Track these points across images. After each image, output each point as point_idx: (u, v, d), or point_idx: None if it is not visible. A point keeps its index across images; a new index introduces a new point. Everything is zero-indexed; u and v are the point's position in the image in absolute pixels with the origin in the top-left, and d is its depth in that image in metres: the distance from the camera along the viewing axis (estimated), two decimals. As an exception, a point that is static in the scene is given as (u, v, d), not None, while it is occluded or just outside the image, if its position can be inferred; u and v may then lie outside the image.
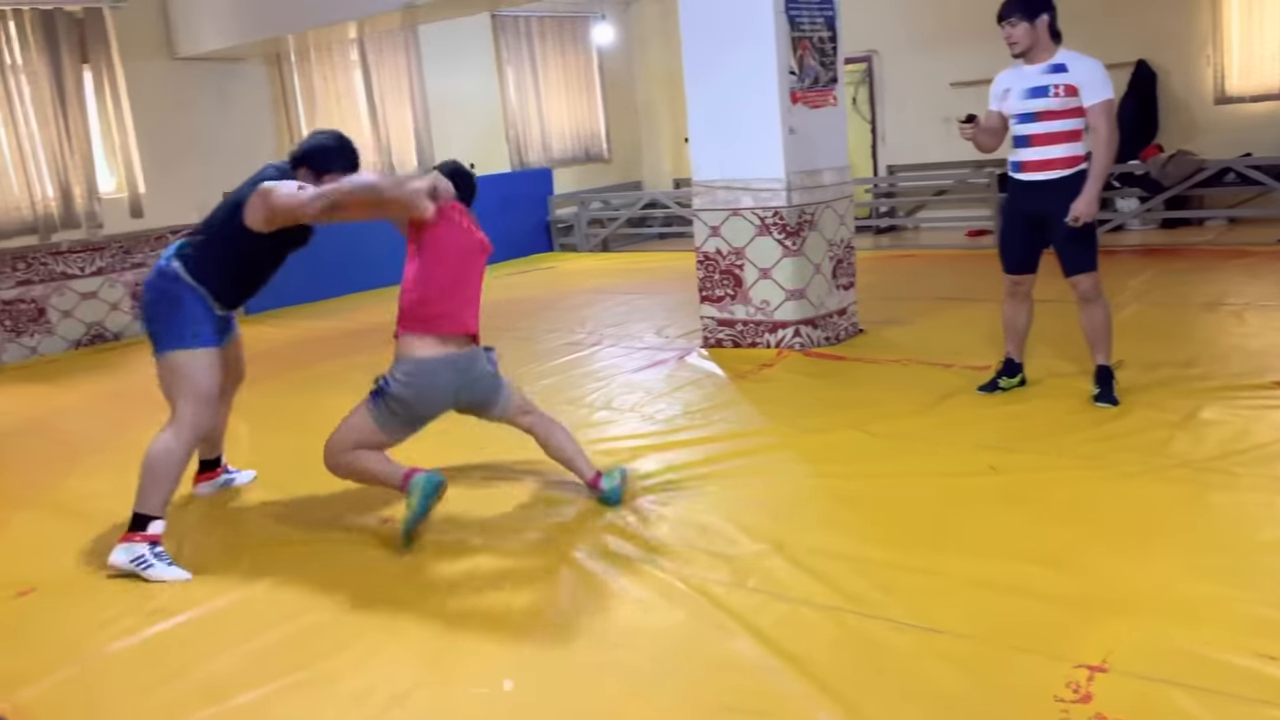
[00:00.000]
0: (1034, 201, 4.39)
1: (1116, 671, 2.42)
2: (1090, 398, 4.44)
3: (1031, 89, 4.30)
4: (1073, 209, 4.20)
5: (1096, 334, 4.46)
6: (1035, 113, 4.30)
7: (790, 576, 3.08)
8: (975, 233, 10.04)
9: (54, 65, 8.00)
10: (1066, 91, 4.22)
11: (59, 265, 8.17)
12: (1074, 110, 4.24)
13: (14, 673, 2.90)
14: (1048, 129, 4.29)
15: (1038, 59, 4.29)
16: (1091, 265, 4.38)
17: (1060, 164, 4.30)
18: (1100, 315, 4.44)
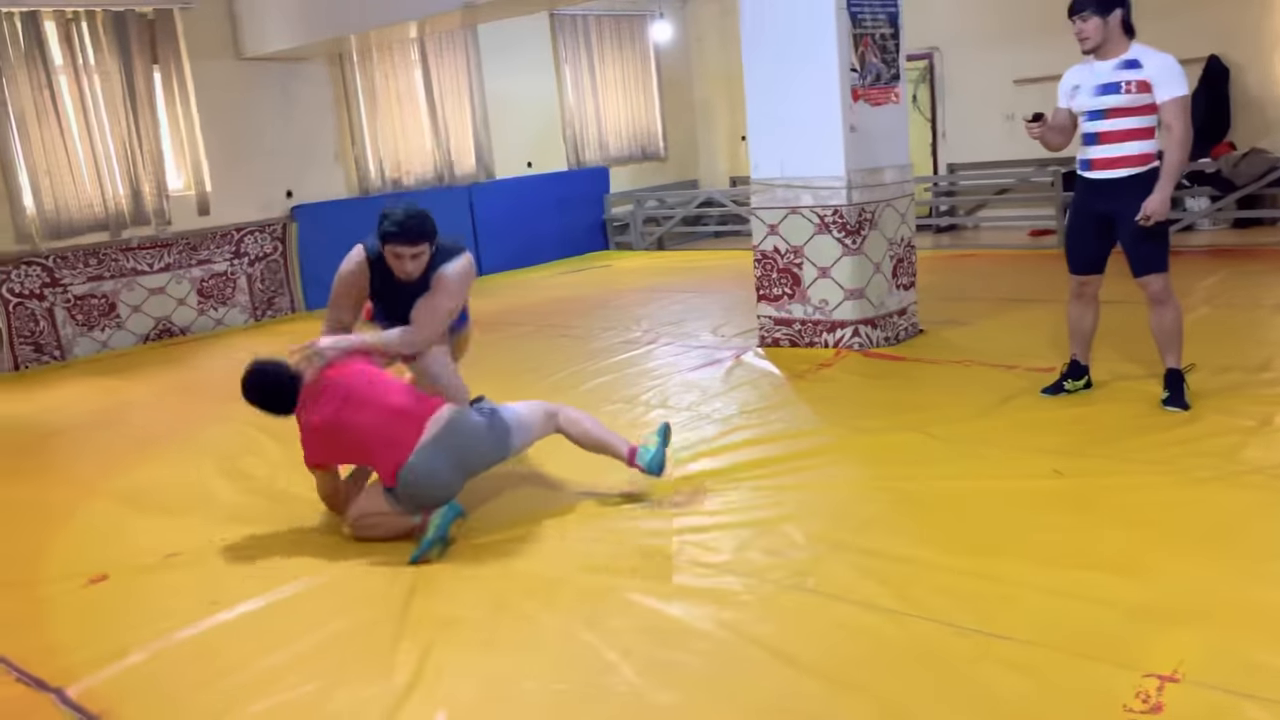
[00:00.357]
0: (1102, 200, 4.30)
1: (1188, 682, 2.36)
2: (1159, 402, 4.34)
3: (1102, 85, 4.19)
4: (1144, 208, 4.10)
5: (1166, 336, 4.35)
6: (1105, 110, 4.19)
7: (849, 579, 3.05)
8: (1038, 232, 9.87)
9: (125, 65, 8.19)
10: (1139, 88, 4.11)
11: (129, 261, 8.37)
12: (1146, 107, 4.14)
13: (84, 659, 2.97)
14: (1118, 126, 4.19)
15: (1110, 54, 4.18)
16: (1162, 266, 4.27)
17: (1130, 162, 4.20)
18: (1170, 317, 4.33)
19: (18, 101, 7.65)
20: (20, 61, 7.65)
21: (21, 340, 7.81)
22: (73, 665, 2.94)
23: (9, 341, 7.75)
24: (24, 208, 7.76)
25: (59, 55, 7.92)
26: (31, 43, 7.68)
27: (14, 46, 7.61)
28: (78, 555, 3.83)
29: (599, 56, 11.78)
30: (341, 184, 9.84)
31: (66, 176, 7.91)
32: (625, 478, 3.99)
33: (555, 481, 4.13)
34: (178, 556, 3.69)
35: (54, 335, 7.98)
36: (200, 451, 5.08)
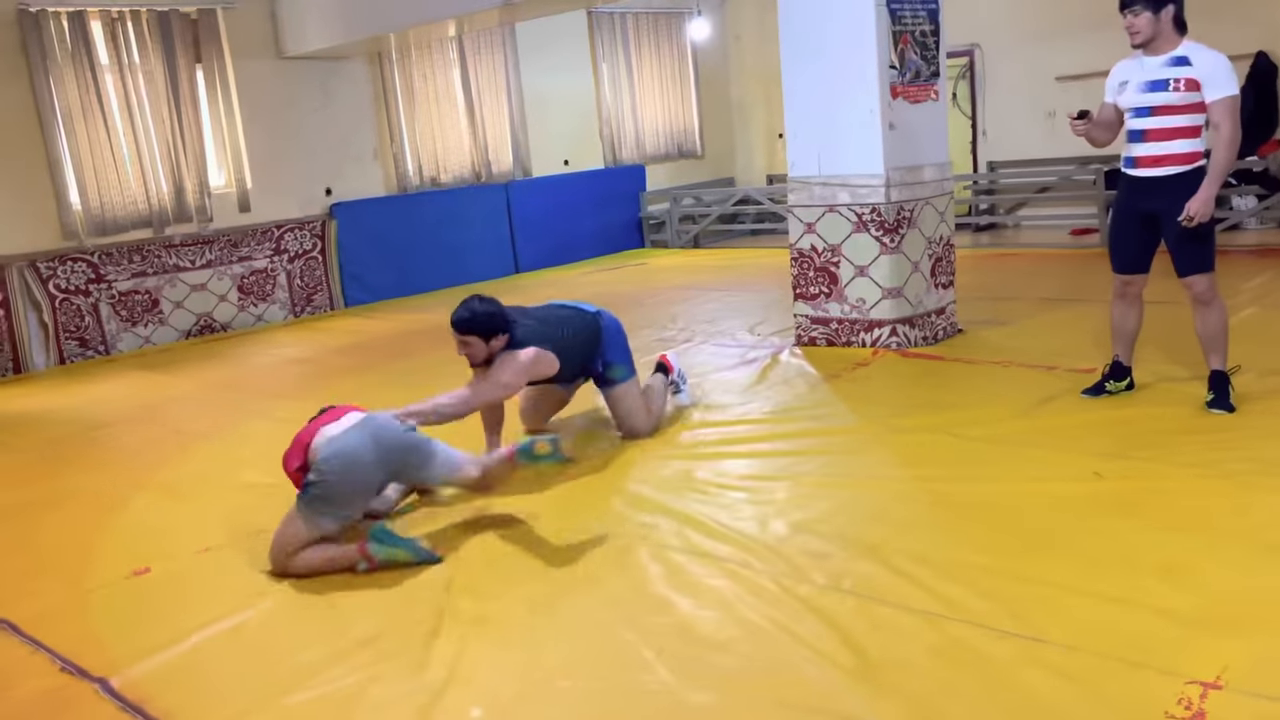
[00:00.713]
0: (1147, 198, 4.22)
1: (1232, 689, 2.32)
2: (1204, 404, 4.26)
3: (1151, 82, 4.11)
4: (1187, 208, 4.03)
5: (1212, 338, 4.27)
6: (1153, 107, 4.11)
7: (886, 580, 3.02)
8: (1079, 231, 9.74)
9: (169, 64, 8.31)
10: (1187, 86, 4.03)
11: (171, 258, 8.49)
12: (1194, 106, 4.05)
13: (128, 650, 3.02)
14: (1165, 124, 4.11)
15: (1160, 50, 4.10)
16: (1207, 266, 4.19)
17: (1176, 160, 4.12)
18: (1216, 318, 4.25)
19: (64, 100, 7.78)
20: (67, 60, 7.78)
21: (67, 335, 7.95)
22: (115, 656, 2.99)
23: (55, 336, 7.89)
24: (70, 205, 7.90)
25: (105, 54, 8.05)
26: (78, 42, 7.81)
27: (61, 46, 7.75)
28: (121, 547, 3.89)
29: (636, 54, 11.78)
30: (380, 182, 9.92)
31: (111, 174, 8.04)
32: (662, 477, 3.98)
33: (590, 482, 4.14)
34: (218, 550, 3.74)
35: (99, 330, 8.11)
36: (241, 446, 5.15)
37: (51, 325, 7.87)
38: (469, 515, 3.88)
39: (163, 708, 2.67)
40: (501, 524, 3.74)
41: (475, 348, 4.12)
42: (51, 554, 3.90)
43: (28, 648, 3.10)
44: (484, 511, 3.88)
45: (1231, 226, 8.81)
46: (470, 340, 4.11)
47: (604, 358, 4.52)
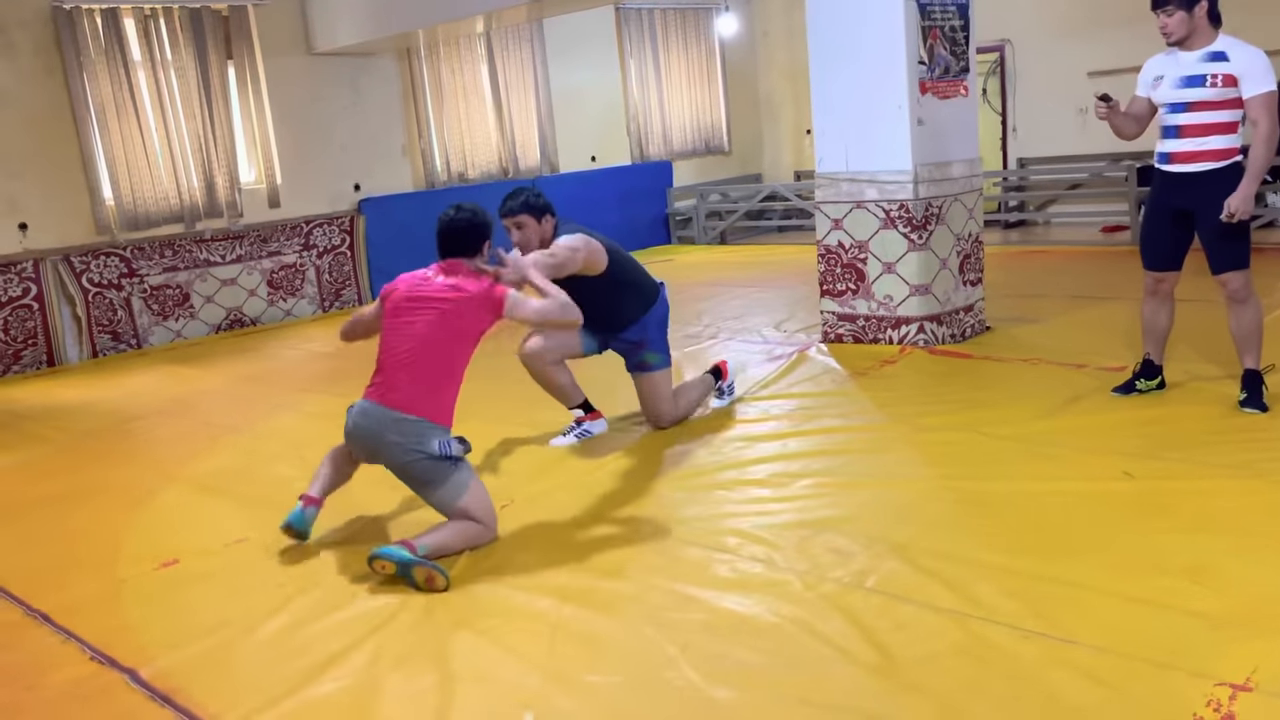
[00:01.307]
0: (1181, 195, 4.17)
1: (1262, 691, 2.29)
2: (1236, 403, 4.21)
3: (1186, 77, 4.06)
4: (1228, 204, 3.97)
5: (1246, 336, 4.22)
6: (1189, 102, 4.07)
7: (912, 578, 3.01)
8: (1111, 228, 9.64)
9: (200, 61, 8.39)
10: (1225, 82, 3.98)
11: (202, 253, 8.57)
12: (1231, 101, 4.01)
13: (157, 641, 3.06)
14: (1201, 120, 4.06)
15: (1196, 45, 4.04)
16: (1243, 263, 4.14)
17: (1212, 156, 4.07)
18: (1250, 316, 4.20)
19: (98, 96, 7.87)
20: (100, 57, 7.87)
21: (100, 329, 8.05)
22: (144, 645, 3.02)
23: (88, 329, 7.99)
24: (103, 200, 7.99)
25: (137, 51, 8.14)
26: (111, 39, 7.90)
27: (94, 42, 7.84)
28: (151, 539, 3.93)
29: (664, 50, 11.76)
30: (408, 177, 9.96)
31: (143, 169, 8.13)
32: (686, 473, 3.97)
33: (615, 477, 4.14)
34: (246, 542, 3.77)
35: (131, 324, 8.21)
36: (270, 440, 5.19)
37: (85, 319, 7.97)
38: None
39: (191, 698, 2.70)
40: (525, 517, 3.75)
41: (528, 229, 4.20)
42: (83, 546, 3.95)
43: (59, 637, 3.14)
44: (508, 504, 3.89)
45: (1267, 224, 8.68)
46: (523, 221, 4.19)
47: (646, 334, 4.49)
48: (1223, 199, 4.00)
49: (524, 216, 4.20)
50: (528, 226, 4.21)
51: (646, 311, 4.50)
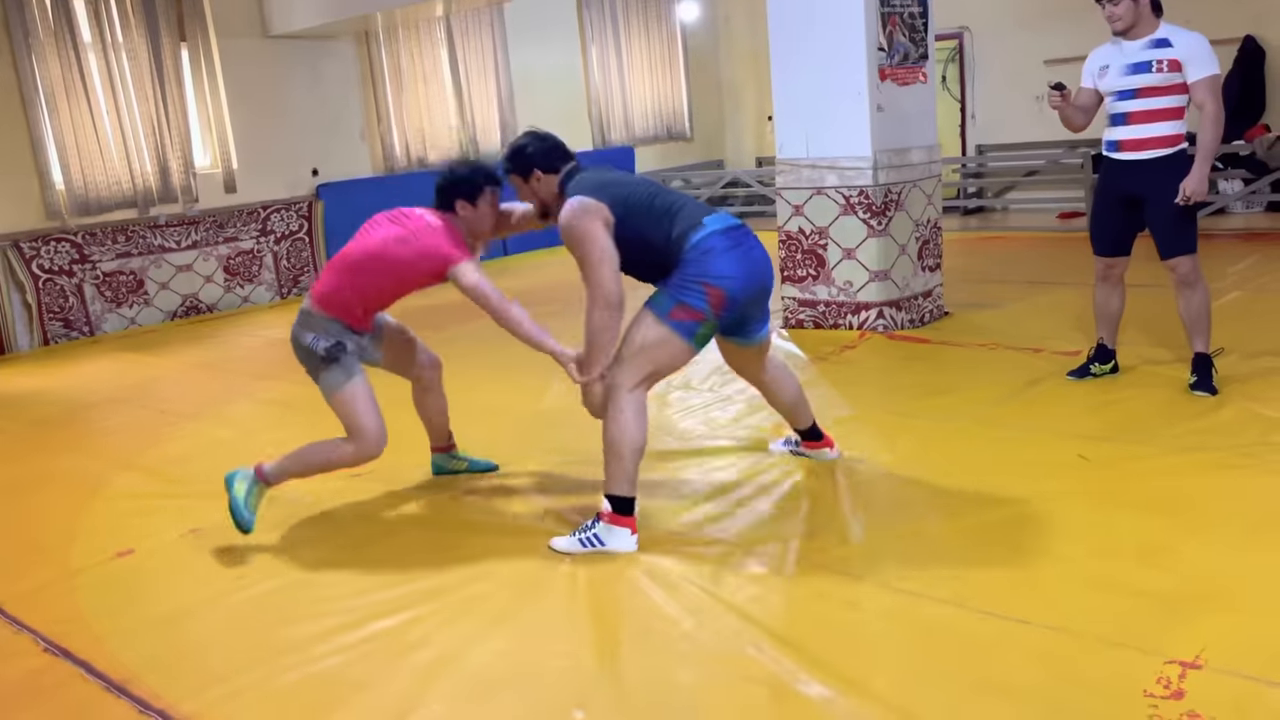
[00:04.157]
0: (1130, 181, 4.25)
1: (1211, 668, 2.34)
2: (1187, 386, 4.29)
3: (1132, 65, 4.14)
4: (1183, 188, 4.06)
5: (1195, 320, 4.30)
6: (1136, 89, 4.15)
7: (868, 560, 3.04)
8: (1067, 215, 9.76)
9: (153, 43, 8.23)
10: (1170, 67, 4.06)
11: (156, 238, 8.44)
12: (1176, 87, 4.09)
13: (112, 631, 3.02)
14: (1148, 106, 4.14)
15: (1140, 34, 4.13)
16: (1191, 248, 4.22)
17: (1160, 143, 4.15)
18: (1199, 300, 4.27)
19: (47, 79, 7.71)
20: (50, 39, 7.70)
21: (51, 316, 7.90)
22: (99, 636, 2.98)
23: (39, 317, 7.84)
24: (53, 184, 7.84)
25: (88, 32, 7.97)
26: (60, 20, 7.73)
27: (43, 24, 7.67)
28: (106, 528, 3.88)
29: (625, 35, 11.72)
30: (367, 162, 9.86)
31: (95, 154, 7.98)
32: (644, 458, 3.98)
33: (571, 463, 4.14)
34: (203, 531, 3.73)
35: (83, 311, 8.06)
36: (227, 427, 5.13)
37: (35, 306, 7.82)
38: (455, 493, 3.88)
39: (147, 687, 2.67)
40: (485, 504, 3.74)
41: (521, 191, 3.57)
42: (36, 535, 3.89)
43: (11, 629, 3.09)
44: (469, 490, 3.88)
45: (1217, 211, 8.83)
46: (514, 183, 3.57)
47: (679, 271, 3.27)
48: (1171, 185, 4.08)
49: (511, 177, 3.55)
50: (519, 188, 3.56)
51: (681, 254, 3.26)
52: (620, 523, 3.25)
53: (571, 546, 3.27)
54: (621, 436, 3.22)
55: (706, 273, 3.19)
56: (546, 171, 3.48)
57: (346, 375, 3.50)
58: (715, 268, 3.20)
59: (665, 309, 3.23)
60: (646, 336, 3.24)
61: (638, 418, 3.25)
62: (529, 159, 3.47)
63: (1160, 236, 4.24)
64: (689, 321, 3.21)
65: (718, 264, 3.20)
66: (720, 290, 3.19)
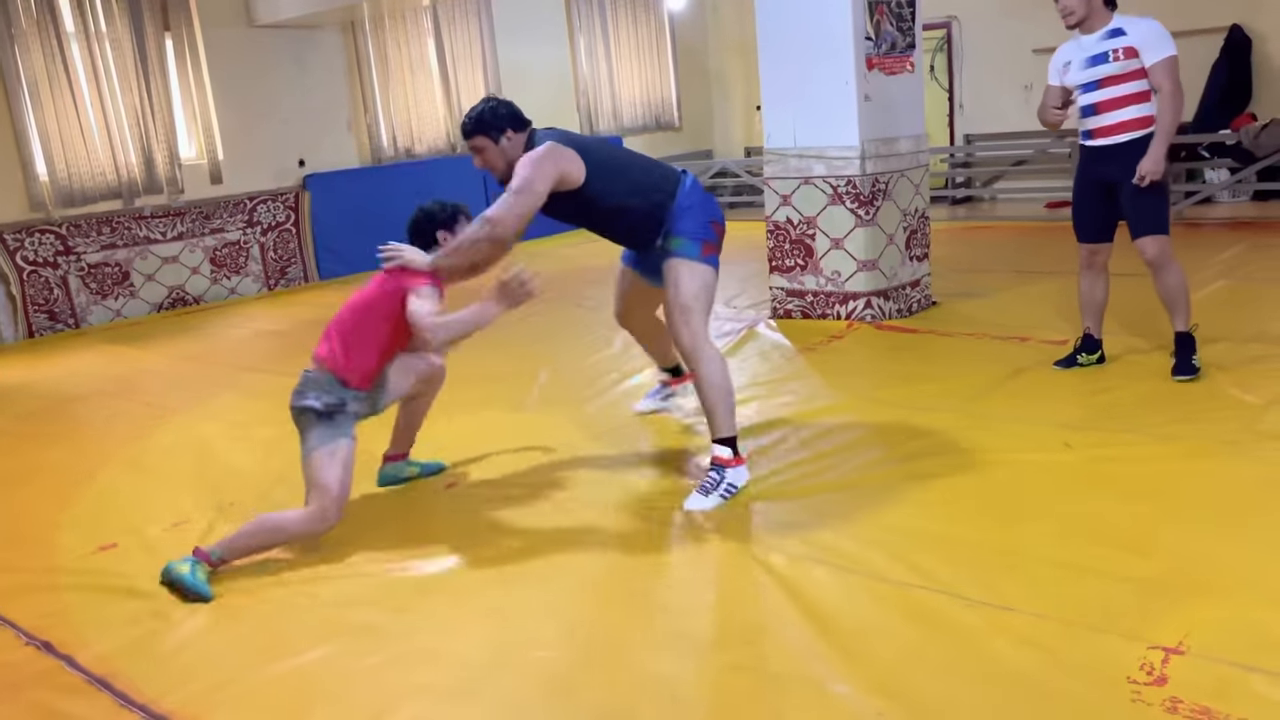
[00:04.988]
0: (1105, 167, 4.34)
1: (1193, 654, 2.35)
2: (1170, 372, 4.30)
3: (1091, 57, 4.26)
4: (1139, 168, 4.16)
5: (1171, 299, 4.36)
6: (1098, 80, 4.26)
7: (858, 550, 3.04)
8: (1055, 204, 9.77)
9: (137, 33, 8.16)
10: (1126, 54, 4.17)
11: (142, 230, 8.39)
12: (1136, 73, 4.19)
13: (96, 626, 3.00)
14: (1112, 94, 4.24)
15: (1094, 27, 4.26)
16: (1158, 229, 4.27)
17: (1129, 127, 4.24)
18: (1172, 281, 4.33)
19: (30, 69, 7.64)
20: (33, 29, 7.63)
21: (35, 308, 7.85)
22: (81, 630, 2.97)
23: (23, 309, 7.79)
24: (37, 175, 7.78)
25: (71, 22, 7.90)
26: (43, 10, 7.66)
27: (26, 14, 7.60)
28: (89, 521, 3.85)
29: (613, 24, 11.67)
30: (354, 153, 9.82)
31: (79, 144, 7.92)
32: (632, 447, 3.96)
33: (558, 451, 4.13)
34: (188, 525, 3.71)
35: (68, 303, 8.02)
36: (212, 420, 5.11)
37: (19, 298, 7.77)
38: (436, 488, 3.87)
39: (129, 682, 2.65)
40: (469, 493, 3.74)
41: (488, 152, 3.56)
42: (20, 529, 3.86)
43: (-7, 622, 3.07)
44: (453, 481, 3.87)
45: (1204, 200, 8.85)
46: (479, 144, 3.56)
47: (672, 226, 3.55)
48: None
49: (478, 139, 3.55)
50: (486, 150, 3.56)
51: (669, 208, 3.55)
52: (739, 463, 3.54)
53: (713, 504, 3.41)
54: (721, 381, 3.52)
55: (711, 214, 3.61)
56: (516, 131, 3.57)
57: (332, 436, 3.34)
58: (712, 208, 3.64)
59: (696, 251, 3.53)
60: (695, 281, 3.51)
61: (723, 361, 3.59)
62: (501, 118, 3.56)
63: (1131, 218, 4.32)
64: (714, 255, 3.59)
65: (711, 205, 3.65)
66: (722, 225, 3.64)
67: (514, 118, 3.59)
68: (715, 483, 3.44)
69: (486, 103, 3.61)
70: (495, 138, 3.55)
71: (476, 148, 3.59)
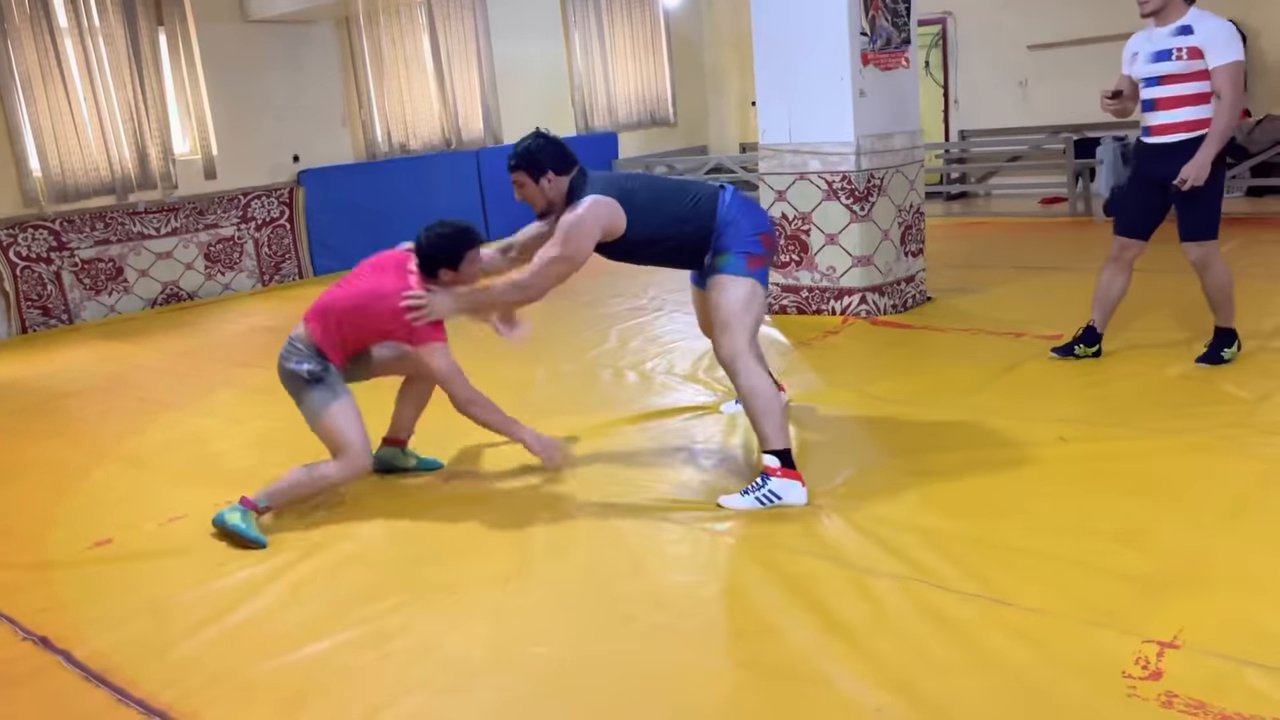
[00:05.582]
0: (1158, 166, 4.30)
1: (1188, 648, 2.36)
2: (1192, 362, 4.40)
3: (1157, 52, 4.20)
4: (1182, 172, 4.12)
5: (1214, 299, 4.40)
6: (1160, 76, 4.20)
7: (854, 544, 3.04)
8: (1049, 200, 9.79)
9: (130, 28, 8.14)
10: (1190, 54, 4.10)
11: (136, 225, 8.36)
12: (1199, 74, 4.13)
13: (92, 620, 3.00)
14: (1172, 93, 4.19)
15: (1167, 20, 4.18)
16: (1206, 234, 4.28)
17: (1184, 128, 4.20)
18: (1212, 283, 4.36)
19: (23, 64, 7.61)
20: (25, 24, 7.60)
21: (29, 304, 7.83)
22: (78, 625, 2.96)
23: (16, 305, 7.77)
24: (30, 171, 7.75)
25: (64, 18, 7.87)
26: (37, 6, 7.63)
27: (19, 9, 7.57)
28: (85, 518, 3.85)
29: (608, 20, 11.66)
30: (349, 148, 9.80)
31: (72, 140, 7.89)
32: (625, 444, 3.96)
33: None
34: (183, 520, 3.71)
35: (61, 299, 7.99)
36: (207, 416, 5.10)
37: (13, 293, 7.74)
38: (434, 483, 3.86)
39: (126, 677, 2.65)
40: (466, 490, 3.74)
41: (528, 189, 3.57)
42: (14, 524, 3.85)
43: (-11, 618, 3.07)
44: (450, 477, 3.87)
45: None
46: (521, 180, 3.56)
47: (718, 243, 3.52)
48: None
49: (520, 174, 3.55)
50: (526, 186, 3.56)
51: (712, 228, 3.52)
52: (791, 475, 3.40)
53: (747, 504, 3.37)
54: (765, 394, 3.44)
55: (758, 225, 3.55)
56: (559, 173, 3.56)
57: (332, 395, 3.53)
58: (757, 219, 3.57)
59: (741, 266, 3.49)
60: (740, 296, 3.46)
61: (765, 374, 3.55)
62: (544, 161, 3.54)
63: (1179, 219, 4.32)
64: (761, 269, 3.54)
65: (756, 216, 3.58)
66: (770, 235, 3.58)
67: (558, 158, 3.56)
68: (757, 486, 3.40)
69: (535, 139, 3.58)
70: (536, 177, 3.55)
71: (518, 182, 3.59)
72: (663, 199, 3.56)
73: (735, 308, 3.45)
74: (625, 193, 3.50)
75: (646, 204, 3.52)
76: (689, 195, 3.57)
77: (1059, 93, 10.08)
